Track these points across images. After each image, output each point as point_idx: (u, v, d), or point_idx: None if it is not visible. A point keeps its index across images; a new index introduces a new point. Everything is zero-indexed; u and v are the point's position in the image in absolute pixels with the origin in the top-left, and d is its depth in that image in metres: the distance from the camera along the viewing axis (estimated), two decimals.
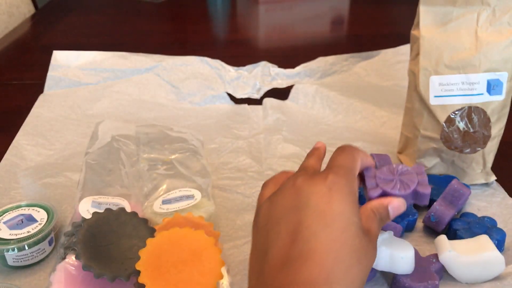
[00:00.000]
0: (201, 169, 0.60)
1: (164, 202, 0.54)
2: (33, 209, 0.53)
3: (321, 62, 0.90)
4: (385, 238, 0.46)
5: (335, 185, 0.37)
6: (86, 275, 0.45)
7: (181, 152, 0.62)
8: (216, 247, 0.45)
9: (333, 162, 0.40)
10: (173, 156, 0.61)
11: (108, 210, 0.49)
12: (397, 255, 0.45)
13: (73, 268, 0.45)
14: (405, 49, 0.91)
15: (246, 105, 0.81)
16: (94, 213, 0.48)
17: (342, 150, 0.42)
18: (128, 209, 0.52)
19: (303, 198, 0.36)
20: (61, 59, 0.88)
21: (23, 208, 0.53)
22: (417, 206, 0.54)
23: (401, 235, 0.52)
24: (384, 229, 0.49)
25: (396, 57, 0.91)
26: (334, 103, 0.80)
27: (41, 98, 0.82)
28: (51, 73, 0.86)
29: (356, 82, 0.87)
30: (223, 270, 0.45)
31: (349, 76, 0.88)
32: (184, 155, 0.62)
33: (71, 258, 0.46)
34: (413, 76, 0.59)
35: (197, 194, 0.54)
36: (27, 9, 1.35)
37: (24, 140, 0.71)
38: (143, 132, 0.65)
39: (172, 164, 0.60)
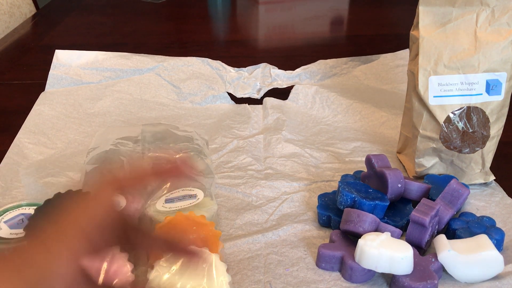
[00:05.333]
0: (205, 169, 0.60)
1: (167, 201, 0.54)
2: (34, 209, 0.53)
3: (321, 65, 0.90)
4: (383, 240, 0.47)
5: None
6: None
7: (186, 151, 0.62)
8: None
9: None
10: (177, 155, 0.62)
11: (57, 194, 0.50)
12: (396, 256, 0.46)
13: None
14: (404, 53, 0.92)
15: (246, 105, 0.81)
16: (46, 200, 0.50)
17: None
18: (124, 204, 0.52)
19: None
20: (63, 58, 0.89)
21: (24, 207, 0.53)
22: (414, 205, 0.55)
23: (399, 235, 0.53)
24: (383, 232, 0.49)
25: (394, 61, 0.91)
26: (334, 103, 0.80)
27: (42, 96, 0.83)
28: (52, 72, 0.86)
29: (355, 85, 0.87)
30: (223, 269, 0.45)
31: (349, 79, 0.89)
32: (188, 154, 0.62)
33: None
34: (412, 76, 0.59)
35: (200, 194, 0.55)
36: (28, 9, 1.35)
37: (25, 138, 0.71)
38: (149, 130, 0.66)
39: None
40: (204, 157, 0.62)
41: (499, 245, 0.51)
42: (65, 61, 0.89)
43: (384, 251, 0.46)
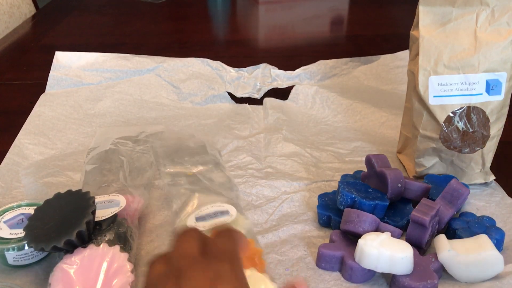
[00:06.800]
0: (227, 182, 0.59)
1: (198, 219, 0.51)
2: (34, 209, 0.53)
3: (321, 65, 0.90)
4: (383, 240, 0.47)
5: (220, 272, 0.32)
6: (84, 275, 0.45)
7: (203, 164, 0.60)
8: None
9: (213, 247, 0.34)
10: (195, 170, 0.59)
11: (57, 194, 0.50)
12: (396, 256, 0.45)
13: (70, 268, 0.46)
14: (404, 54, 0.92)
15: (246, 105, 0.81)
16: (46, 200, 0.50)
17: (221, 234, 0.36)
18: (124, 204, 0.52)
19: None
20: (63, 59, 0.89)
21: (24, 207, 0.53)
22: (414, 205, 0.55)
23: (400, 235, 0.53)
24: (383, 232, 0.49)
25: (394, 62, 0.91)
26: (334, 103, 0.80)
27: (42, 97, 0.83)
28: (52, 73, 0.86)
29: (355, 86, 0.87)
30: None
31: (349, 79, 0.89)
32: (207, 167, 0.60)
33: (70, 259, 0.46)
34: (413, 76, 0.59)
35: (232, 210, 0.52)
36: (28, 9, 1.35)
37: (26, 139, 0.71)
38: (159, 145, 0.64)
39: (195, 178, 0.58)
40: (223, 169, 0.61)
41: (499, 245, 0.51)
42: (65, 62, 0.88)
43: (384, 251, 0.46)
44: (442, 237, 0.49)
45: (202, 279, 0.31)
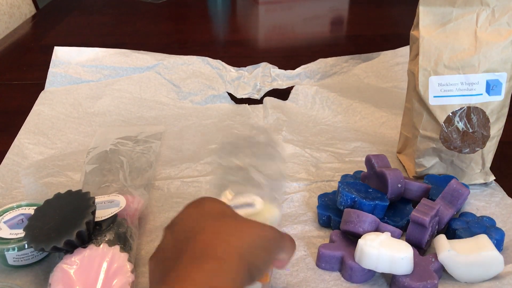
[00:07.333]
0: (275, 173, 0.56)
1: None
2: (34, 209, 0.53)
3: (321, 64, 0.90)
4: (383, 240, 0.47)
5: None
6: (84, 275, 0.45)
7: (258, 156, 0.59)
8: None
9: None
10: (249, 160, 0.57)
11: (57, 194, 0.50)
12: (396, 256, 0.45)
13: (70, 268, 0.46)
14: (404, 51, 0.92)
15: (246, 105, 0.81)
16: (46, 200, 0.50)
17: None
18: (124, 204, 0.52)
19: None
20: (62, 55, 0.88)
21: (24, 207, 0.53)
22: (414, 205, 0.55)
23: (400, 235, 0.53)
24: (383, 232, 0.49)
25: (395, 59, 0.91)
26: (334, 103, 0.80)
27: (42, 95, 0.83)
28: (52, 70, 0.86)
29: (355, 84, 0.87)
30: None
31: (349, 77, 0.89)
32: (260, 159, 0.58)
33: (70, 259, 0.46)
34: (413, 76, 0.59)
35: (258, 202, 0.50)
36: (28, 10, 1.35)
37: (25, 138, 0.71)
38: (223, 136, 0.63)
39: (246, 170, 0.56)
40: (280, 161, 0.57)
41: (499, 245, 0.51)
42: (65, 58, 0.88)
43: (384, 251, 0.46)
44: (442, 237, 0.49)
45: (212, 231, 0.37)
